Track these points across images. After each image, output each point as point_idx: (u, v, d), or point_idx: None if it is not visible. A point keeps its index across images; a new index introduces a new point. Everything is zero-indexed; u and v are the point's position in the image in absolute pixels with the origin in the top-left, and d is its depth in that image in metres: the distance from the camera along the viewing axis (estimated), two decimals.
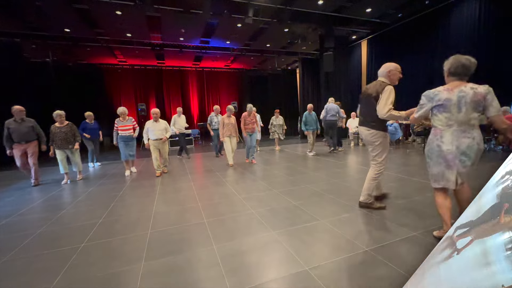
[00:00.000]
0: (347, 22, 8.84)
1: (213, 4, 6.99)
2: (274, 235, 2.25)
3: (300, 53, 12.05)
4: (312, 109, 6.76)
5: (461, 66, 1.82)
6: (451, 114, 1.83)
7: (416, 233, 2.14)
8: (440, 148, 1.90)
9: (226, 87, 15.57)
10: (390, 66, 2.59)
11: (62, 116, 4.65)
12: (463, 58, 1.84)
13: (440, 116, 1.90)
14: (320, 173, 4.56)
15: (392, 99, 2.47)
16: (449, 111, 1.84)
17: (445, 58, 1.98)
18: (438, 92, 1.90)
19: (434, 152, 1.95)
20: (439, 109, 1.89)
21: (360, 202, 2.80)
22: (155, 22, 7.92)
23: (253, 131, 5.82)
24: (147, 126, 4.88)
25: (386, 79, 2.59)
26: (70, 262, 1.97)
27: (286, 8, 7.39)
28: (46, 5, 6.39)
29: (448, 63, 1.91)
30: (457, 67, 1.84)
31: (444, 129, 1.89)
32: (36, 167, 4.61)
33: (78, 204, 3.43)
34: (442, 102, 1.85)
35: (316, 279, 1.61)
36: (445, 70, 1.95)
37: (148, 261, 1.93)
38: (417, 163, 5.04)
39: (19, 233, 2.57)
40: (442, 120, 1.89)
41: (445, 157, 1.88)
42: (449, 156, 1.86)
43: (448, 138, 1.86)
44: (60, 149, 4.62)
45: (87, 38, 9.04)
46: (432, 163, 1.99)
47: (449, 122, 1.85)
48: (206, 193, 3.67)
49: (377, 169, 2.66)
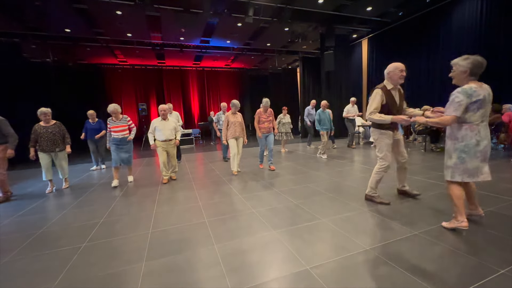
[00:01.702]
0: (348, 20, 8.81)
1: (213, 4, 6.98)
2: (275, 234, 2.24)
3: (301, 52, 12.03)
4: (326, 106, 6.13)
5: (481, 66, 1.95)
6: (485, 110, 1.96)
7: (418, 232, 2.13)
8: (478, 143, 1.97)
9: (226, 87, 15.56)
10: (389, 67, 2.66)
11: (47, 115, 4.04)
12: (480, 58, 1.95)
13: (477, 113, 1.95)
14: (321, 172, 4.54)
15: (376, 103, 2.60)
16: (483, 107, 1.94)
17: (447, 56, 1.99)
18: (475, 89, 1.92)
19: (471, 147, 1.99)
20: (478, 105, 1.93)
21: (365, 194, 3.00)
22: (155, 21, 7.91)
23: (270, 131, 4.91)
24: (154, 125, 4.27)
25: (388, 80, 2.68)
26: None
27: (287, 7, 7.36)
28: (46, 5, 6.38)
29: (468, 64, 1.95)
30: (478, 68, 1.94)
31: (480, 125, 1.97)
32: (2, 177, 3.75)
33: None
34: (481, 99, 1.91)
35: (318, 278, 1.61)
36: (461, 71, 2.00)
37: (149, 261, 1.93)
38: (418, 162, 5.02)
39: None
40: (479, 116, 1.96)
41: (482, 151, 1.98)
42: (485, 149, 1.98)
43: (483, 133, 1.98)
44: (45, 152, 4.01)
45: (87, 38, 9.05)
46: (468, 158, 2.01)
47: (483, 118, 1.97)
48: (207, 193, 3.66)
49: (379, 164, 2.81)
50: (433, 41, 7.84)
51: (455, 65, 2.02)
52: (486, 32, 6.52)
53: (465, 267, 1.65)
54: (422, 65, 8.12)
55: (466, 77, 1.99)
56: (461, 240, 1.97)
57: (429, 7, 7.83)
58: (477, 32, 6.69)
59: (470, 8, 6.86)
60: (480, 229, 2.13)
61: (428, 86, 7.94)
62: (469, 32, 6.88)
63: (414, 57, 8.36)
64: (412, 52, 8.46)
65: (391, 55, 8.91)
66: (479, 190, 3.10)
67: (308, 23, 8.65)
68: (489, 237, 2.00)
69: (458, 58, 2.02)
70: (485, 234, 2.06)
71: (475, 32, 6.74)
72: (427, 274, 1.59)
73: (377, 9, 8.15)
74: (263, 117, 4.85)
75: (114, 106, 4.17)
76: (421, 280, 1.53)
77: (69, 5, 6.50)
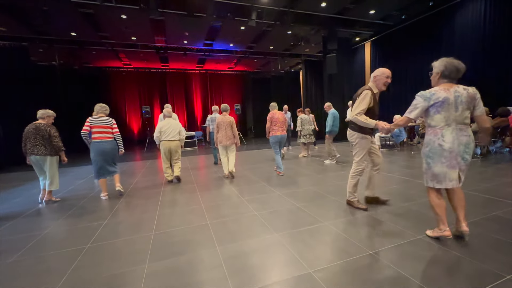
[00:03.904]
0: (351, 24, 8.84)
1: (216, 7, 7.06)
2: (277, 237, 2.24)
3: (303, 55, 12.08)
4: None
5: (456, 70, 1.88)
6: (450, 113, 1.86)
7: (422, 237, 2.11)
8: (442, 147, 1.89)
9: (229, 90, 15.65)
10: (376, 71, 2.63)
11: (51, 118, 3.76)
12: (456, 62, 1.88)
13: (438, 116, 1.90)
14: (323, 175, 4.53)
15: (365, 104, 2.53)
16: (447, 110, 1.86)
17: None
18: (434, 92, 1.89)
19: (435, 152, 1.93)
20: (437, 108, 1.88)
21: (346, 199, 2.96)
22: (160, 25, 8.03)
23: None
24: (159, 126, 4.39)
25: (373, 83, 2.64)
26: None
27: (289, 10, 7.42)
28: (53, 10, 6.53)
29: (441, 66, 1.91)
30: (451, 71, 1.88)
31: (444, 128, 1.89)
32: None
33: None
34: (441, 101, 1.86)
35: (320, 281, 1.60)
36: (435, 72, 1.97)
37: (152, 262, 1.94)
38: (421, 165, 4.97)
39: None
40: (440, 119, 1.89)
41: (448, 156, 1.89)
42: (451, 154, 1.87)
43: (449, 137, 1.87)
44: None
45: (92, 42, 9.21)
46: (433, 164, 1.97)
47: (448, 121, 1.88)
48: (209, 195, 3.68)
49: (354, 168, 2.79)
50: (436, 44, 7.82)
51: (433, 67, 1.99)
52: (489, 34, 6.49)
53: (469, 272, 1.63)
54: (425, 68, 8.07)
55: (438, 79, 1.95)
56: (465, 245, 1.95)
57: (432, 10, 7.83)
58: (480, 35, 6.67)
59: (473, 10, 6.85)
60: (484, 234, 2.11)
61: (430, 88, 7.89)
62: (472, 34, 6.86)
63: (416, 60, 8.34)
64: (414, 55, 8.44)
65: (393, 58, 8.90)
66: (483, 194, 3.07)
67: (311, 26, 8.69)
68: (493, 242, 1.98)
69: (437, 60, 1.96)
70: (489, 239, 2.03)
71: (478, 35, 6.72)
72: (431, 279, 1.57)
73: (379, 12, 8.17)
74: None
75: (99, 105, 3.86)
76: (425, 285, 1.52)
77: (76, 10, 6.64)
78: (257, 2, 6.96)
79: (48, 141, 3.57)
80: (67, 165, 6.56)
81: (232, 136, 4.62)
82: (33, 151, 3.49)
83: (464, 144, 1.87)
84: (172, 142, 4.37)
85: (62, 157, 3.74)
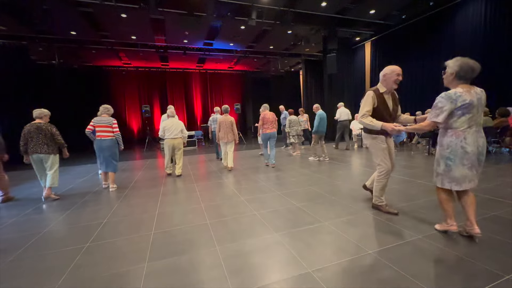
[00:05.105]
0: (351, 23, 8.83)
1: (216, 7, 7.05)
2: (277, 237, 2.24)
3: (303, 55, 12.06)
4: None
5: (471, 71, 1.84)
6: (473, 115, 1.85)
7: (422, 236, 2.11)
8: (465, 149, 1.87)
9: (229, 89, 15.64)
10: (386, 69, 2.53)
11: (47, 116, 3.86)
12: (472, 62, 1.83)
13: (463, 118, 1.85)
14: (323, 175, 4.53)
15: (368, 105, 2.47)
16: (471, 112, 1.84)
17: (450, 59, 1.93)
18: (460, 94, 1.83)
19: (457, 154, 1.89)
20: (463, 110, 1.83)
21: (372, 203, 2.83)
22: (159, 24, 8.01)
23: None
24: (163, 125, 4.80)
25: (382, 83, 2.55)
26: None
27: (289, 10, 7.41)
28: (53, 9, 6.51)
29: (456, 66, 1.86)
30: (467, 72, 1.84)
31: (466, 131, 1.87)
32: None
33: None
34: (468, 103, 1.81)
35: (320, 281, 1.60)
36: (449, 72, 1.91)
37: (152, 261, 1.94)
38: (421, 165, 4.99)
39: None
40: (464, 121, 1.86)
41: (470, 159, 1.88)
42: (473, 157, 1.88)
43: (471, 139, 1.86)
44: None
45: (92, 41, 9.18)
46: (454, 166, 1.92)
47: (470, 123, 1.86)
48: (209, 195, 3.67)
49: (378, 171, 2.68)
50: (436, 44, 7.81)
51: (447, 66, 1.94)
52: (490, 35, 6.49)
53: (469, 272, 1.63)
54: (426, 68, 8.09)
55: (453, 79, 1.91)
56: (466, 245, 1.95)
57: (432, 10, 7.82)
58: (481, 35, 6.66)
59: (474, 11, 6.84)
60: (484, 234, 2.10)
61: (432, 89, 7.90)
62: (473, 34, 6.85)
63: (417, 60, 8.34)
64: (415, 55, 8.44)
65: (394, 58, 8.89)
66: (483, 194, 3.07)
67: (311, 26, 8.68)
68: (494, 242, 1.98)
69: (451, 59, 1.91)
70: (489, 239, 2.03)
71: (479, 35, 6.71)
72: (431, 279, 1.57)
73: (380, 12, 8.16)
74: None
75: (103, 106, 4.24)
76: (425, 285, 1.52)
77: (75, 9, 6.62)
78: (257, 2, 6.95)
79: (51, 139, 3.72)
80: (66, 164, 6.57)
81: (232, 135, 5.21)
82: (36, 150, 3.61)
83: (481, 145, 1.89)
84: (175, 139, 4.82)
85: (64, 152, 3.91)
